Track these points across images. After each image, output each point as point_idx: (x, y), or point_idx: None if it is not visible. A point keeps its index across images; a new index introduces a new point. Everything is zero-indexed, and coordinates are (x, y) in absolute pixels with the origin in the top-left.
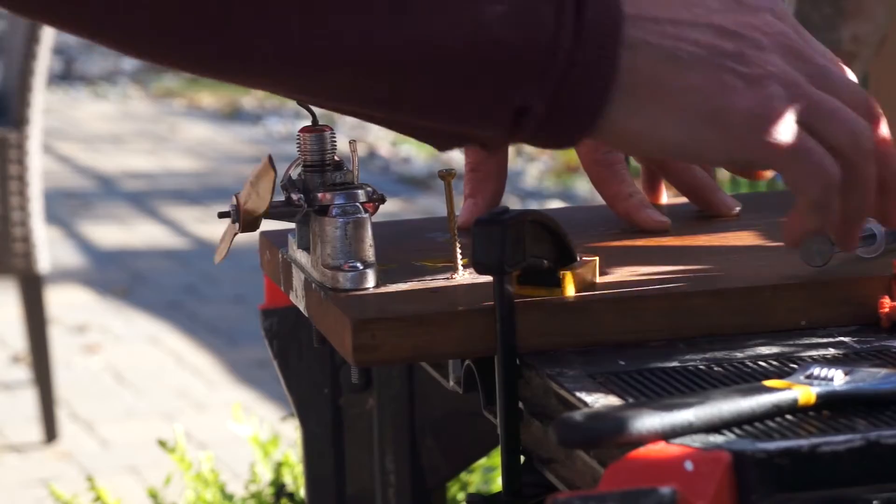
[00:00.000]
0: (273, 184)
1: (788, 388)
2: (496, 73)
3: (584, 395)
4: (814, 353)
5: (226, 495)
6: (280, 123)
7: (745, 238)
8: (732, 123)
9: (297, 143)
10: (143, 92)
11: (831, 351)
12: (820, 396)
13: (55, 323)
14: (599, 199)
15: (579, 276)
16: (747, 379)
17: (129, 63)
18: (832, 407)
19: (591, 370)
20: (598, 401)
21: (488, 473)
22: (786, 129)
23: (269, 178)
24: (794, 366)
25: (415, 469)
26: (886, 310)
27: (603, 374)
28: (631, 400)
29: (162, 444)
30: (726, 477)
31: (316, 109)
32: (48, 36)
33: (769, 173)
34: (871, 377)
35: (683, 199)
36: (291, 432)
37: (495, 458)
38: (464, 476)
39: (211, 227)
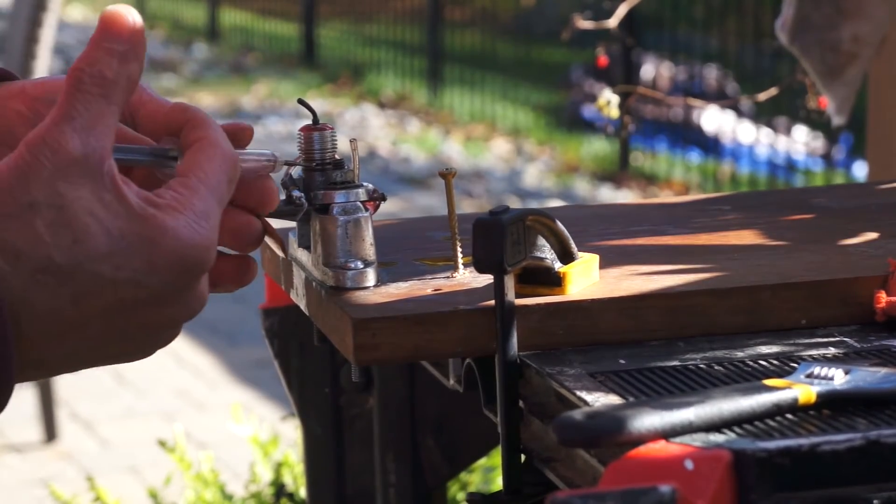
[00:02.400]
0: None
1: (788, 387)
2: None
3: (584, 394)
4: (814, 352)
5: (226, 495)
6: (280, 123)
7: (745, 238)
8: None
9: (298, 142)
10: None
11: (831, 350)
12: (820, 396)
13: None
14: (599, 199)
15: (579, 275)
16: (748, 378)
17: None
18: (832, 406)
19: (591, 369)
20: (599, 399)
21: (488, 473)
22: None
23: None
24: (795, 365)
25: (415, 468)
26: (882, 304)
27: (603, 372)
28: (631, 399)
29: (162, 444)
30: (726, 476)
31: (316, 108)
32: (48, 36)
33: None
34: (871, 376)
35: (686, 198)
36: (291, 432)
37: (495, 458)
38: (464, 476)
39: None
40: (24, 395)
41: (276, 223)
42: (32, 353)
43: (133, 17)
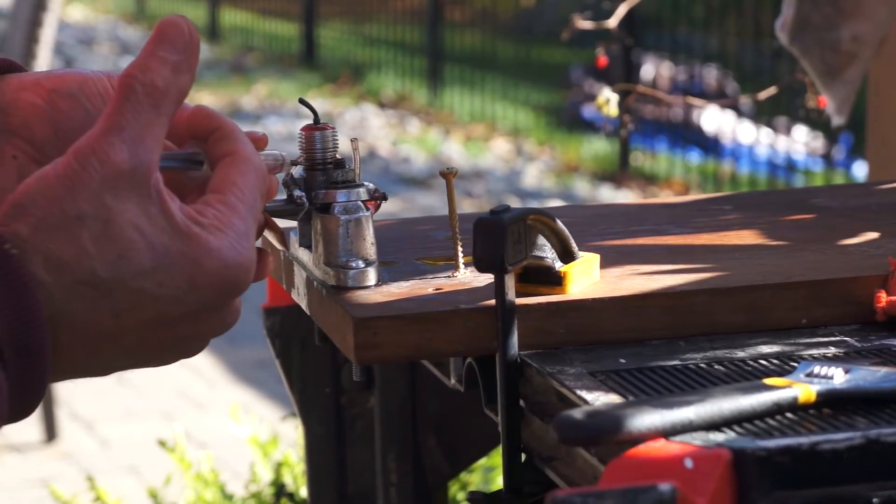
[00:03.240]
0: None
1: (789, 386)
2: None
3: (584, 393)
4: (814, 351)
5: (226, 495)
6: (280, 123)
7: (745, 237)
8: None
9: (300, 142)
10: None
11: (832, 349)
12: (820, 395)
13: None
14: (599, 199)
15: (580, 275)
16: (748, 377)
17: (129, 62)
18: (832, 405)
19: (591, 368)
20: (599, 398)
21: (488, 473)
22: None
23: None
24: (795, 364)
25: (416, 468)
26: (883, 304)
27: (603, 371)
28: (631, 398)
29: (162, 444)
30: (726, 474)
31: (316, 108)
32: (48, 36)
33: None
34: (871, 376)
35: (686, 198)
36: (291, 432)
37: (496, 458)
38: (464, 476)
39: None
40: None
41: (277, 223)
42: (64, 362)
43: (189, 28)
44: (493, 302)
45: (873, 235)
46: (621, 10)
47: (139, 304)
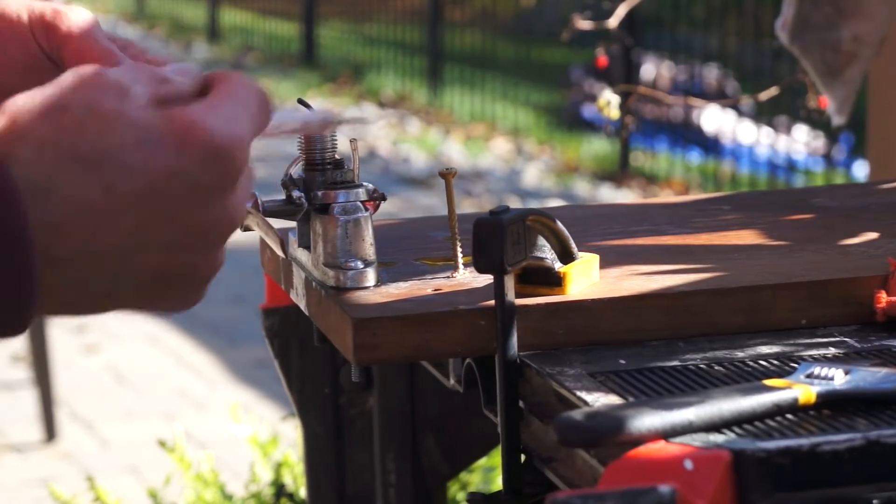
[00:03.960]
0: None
1: (789, 387)
2: None
3: (584, 394)
4: (814, 352)
5: (226, 495)
6: None
7: (745, 237)
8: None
9: (299, 142)
10: None
11: (832, 350)
12: (820, 396)
13: (55, 323)
14: (599, 199)
15: (579, 275)
16: (748, 378)
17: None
18: (832, 406)
19: (591, 369)
20: (599, 400)
21: (488, 473)
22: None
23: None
24: (795, 365)
25: (415, 468)
26: (883, 304)
27: (603, 372)
28: (631, 399)
29: (162, 444)
30: (726, 476)
31: (316, 107)
32: None
33: None
34: (871, 376)
35: (686, 198)
36: (291, 432)
37: (495, 458)
38: (463, 476)
39: None
40: (24, 395)
41: (276, 223)
42: (62, 246)
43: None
44: (492, 303)
45: (873, 235)
46: (621, 10)
47: (130, 176)
